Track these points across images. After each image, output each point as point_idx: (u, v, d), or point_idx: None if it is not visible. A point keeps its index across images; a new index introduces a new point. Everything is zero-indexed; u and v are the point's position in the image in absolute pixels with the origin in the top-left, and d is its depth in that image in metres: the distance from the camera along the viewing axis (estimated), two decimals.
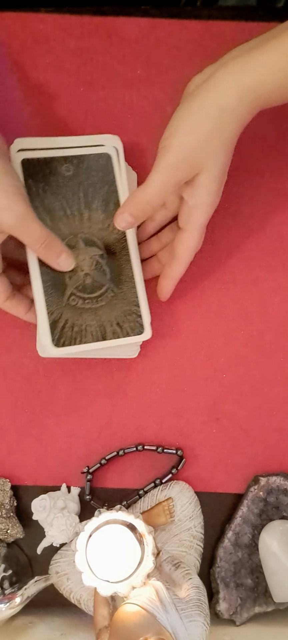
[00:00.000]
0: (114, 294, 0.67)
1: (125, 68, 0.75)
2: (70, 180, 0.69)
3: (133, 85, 0.75)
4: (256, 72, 0.58)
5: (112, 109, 0.75)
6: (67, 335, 0.65)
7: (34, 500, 0.72)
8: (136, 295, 0.68)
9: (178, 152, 0.61)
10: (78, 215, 0.68)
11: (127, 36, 0.75)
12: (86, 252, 0.68)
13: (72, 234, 0.68)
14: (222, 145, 0.61)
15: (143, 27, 0.75)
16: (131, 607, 0.61)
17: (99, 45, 0.75)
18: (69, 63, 0.75)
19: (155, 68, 0.75)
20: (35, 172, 0.68)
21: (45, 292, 0.66)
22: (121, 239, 0.69)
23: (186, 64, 0.75)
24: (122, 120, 0.75)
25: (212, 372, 0.75)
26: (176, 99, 0.74)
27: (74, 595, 0.70)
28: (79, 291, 0.67)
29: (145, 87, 0.75)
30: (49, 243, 0.64)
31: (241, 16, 0.75)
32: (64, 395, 0.74)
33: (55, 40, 0.75)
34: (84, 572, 0.63)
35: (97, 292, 0.67)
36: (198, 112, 0.61)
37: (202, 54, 0.75)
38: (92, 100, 0.75)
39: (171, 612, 0.61)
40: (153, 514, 0.70)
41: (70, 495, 0.73)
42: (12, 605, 0.65)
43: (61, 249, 0.66)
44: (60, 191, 0.68)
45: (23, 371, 0.74)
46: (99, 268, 0.67)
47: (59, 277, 0.67)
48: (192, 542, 0.71)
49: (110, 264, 0.68)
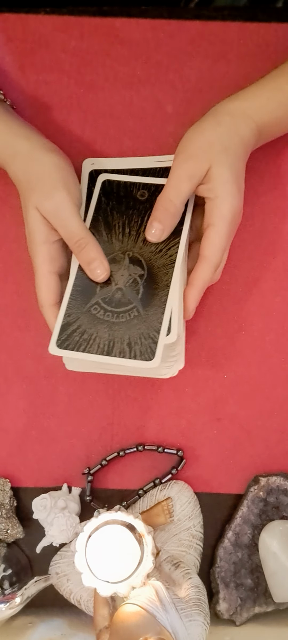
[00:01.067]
0: (138, 314, 0.65)
1: (125, 69, 0.75)
2: (141, 204, 0.70)
3: (133, 86, 0.75)
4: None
5: (112, 110, 0.75)
6: (73, 340, 0.64)
7: (35, 499, 0.72)
8: (161, 321, 0.65)
9: (188, 147, 0.66)
10: (134, 235, 0.68)
11: (126, 37, 0.75)
12: (128, 269, 0.67)
13: (122, 250, 0.68)
14: (231, 139, 0.65)
15: (143, 28, 0.75)
16: (131, 608, 0.61)
17: (98, 47, 0.75)
18: (68, 64, 0.75)
19: (155, 69, 0.75)
20: (111, 192, 0.71)
21: (71, 294, 0.66)
22: (168, 265, 0.67)
23: (186, 64, 0.75)
24: (122, 121, 0.75)
25: (213, 372, 0.75)
26: (176, 99, 0.75)
27: (74, 596, 0.70)
28: (105, 302, 0.66)
29: (145, 88, 0.75)
30: (84, 246, 0.65)
31: (241, 17, 0.75)
32: (65, 397, 0.75)
33: (55, 42, 0.75)
34: (84, 573, 0.63)
35: (122, 307, 0.66)
36: (208, 116, 0.67)
37: (201, 55, 0.75)
38: (92, 101, 0.75)
39: (171, 611, 0.62)
40: (152, 514, 0.70)
41: (71, 495, 0.73)
42: (12, 605, 0.66)
43: (95, 257, 0.66)
44: (127, 212, 0.70)
45: (24, 373, 0.74)
46: (133, 286, 0.67)
47: (91, 286, 0.67)
48: (192, 541, 0.71)
49: (146, 286, 0.67)
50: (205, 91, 0.75)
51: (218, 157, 0.64)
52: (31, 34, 0.75)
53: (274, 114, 0.68)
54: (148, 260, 0.67)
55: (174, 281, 0.66)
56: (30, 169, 0.66)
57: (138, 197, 0.70)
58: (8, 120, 0.68)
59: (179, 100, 0.75)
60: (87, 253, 0.65)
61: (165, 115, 0.75)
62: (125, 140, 0.75)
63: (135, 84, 0.75)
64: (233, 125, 0.66)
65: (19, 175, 0.67)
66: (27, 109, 0.74)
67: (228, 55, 0.75)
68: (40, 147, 0.67)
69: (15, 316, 0.75)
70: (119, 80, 0.75)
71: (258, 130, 0.67)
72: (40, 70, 0.75)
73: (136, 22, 0.75)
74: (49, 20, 0.75)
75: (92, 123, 0.75)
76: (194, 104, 0.75)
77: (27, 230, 0.67)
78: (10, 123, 0.68)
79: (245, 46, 0.75)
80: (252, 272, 0.75)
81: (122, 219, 0.69)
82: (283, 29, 0.75)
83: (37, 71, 0.75)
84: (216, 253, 0.65)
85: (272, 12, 0.76)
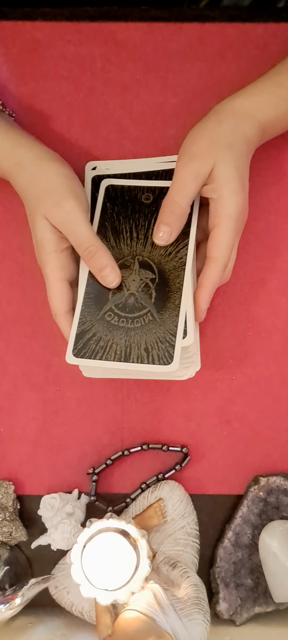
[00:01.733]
0: (153, 318, 0.66)
1: (124, 73, 0.75)
2: (146, 207, 0.70)
3: (132, 90, 0.75)
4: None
5: (112, 114, 0.75)
6: (90, 348, 0.65)
7: (45, 496, 0.72)
8: (176, 324, 0.65)
9: (191, 147, 0.66)
10: (142, 239, 0.69)
11: (125, 41, 0.75)
12: (139, 274, 0.67)
13: (131, 255, 0.68)
14: (234, 135, 0.65)
15: (141, 32, 0.75)
16: (131, 614, 0.61)
17: (97, 51, 0.75)
18: (67, 70, 0.75)
19: (154, 72, 0.75)
20: (116, 197, 0.71)
21: (84, 302, 0.67)
22: (178, 267, 0.67)
23: (185, 66, 0.75)
24: (123, 125, 0.75)
25: (221, 374, 0.75)
26: (176, 102, 0.75)
27: (76, 607, 0.70)
28: (118, 308, 0.66)
29: (145, 92, 0.75)
30: (95, 253, 0.65)
31: (240, 17, 0.75)
32: (74, 403, 0.75)
33: (53, 48, 0.75)
34: (82, 584, 0.62)
35: (136, 312, 0.66)
36: (211, 115, 0.68)
37: (200, 56, 0.75)
38: (92, 106, 0.75)
39: (170, 613, 0.62)
40: (145, 516, 0.70)
41: (79, 502, 0.73)
42: (11, 606, 0.66)
43: (106, 263, 0.66)
44: (133, 216, 0.70)
45: (32, 380, 0.75)
46: (146, 291, 0.67)
47: (103, 293, 0.67)
48: (187, 539, 0.71)
49: (159, 290, 0.67)
50: (205, 93, 0.75)
51: (222, 155, 0.64)
52: (28, 41, 0.75)
53: (276, 111, 0.68)
54: (159, 264, 0.67)
55: (186, 283, 0.66)
56: (36, 179, 0.66)
57: (143, 200, 0.70)
58: (9, 130, 0.68)
59: (179, 103, 0.75)
60: (98, 260, 0.65)
61: (166, 118, 0.75)
62: (126, 144, 0.75)
63: (134, 87, 0.75)
64: (236, 122, 0.66)
65: (24, 186, 0.67)
66: (26, 117, 0.75)
67: (227, 56, 0.75)
68: (43, 157, 0.67)
69: (22, 324, 0.75)
70: (118, 84, 0.75)
71: (261, 127, 0.67)
72: (38, 77, 0.75)
73: (134, 26, 0.75)
74: (46, 26, 0.75)
75: (93, 128, 0.75)
76: (194, 105, 0.74)
77: (35, 240, 0.67)
78: (12, 133, 0.68)
79: (245, 47, 0.75)
80: (258, 273, 0.75)
81: (129, 223, 0.69)
82: (282, 29, 0.75)
83: (35, 78, 0.75)
84: (224, 252, 0.65)
85: (272, 12, 0.75)
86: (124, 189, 0.71)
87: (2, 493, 0.72)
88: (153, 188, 0.71)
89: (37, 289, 0.73)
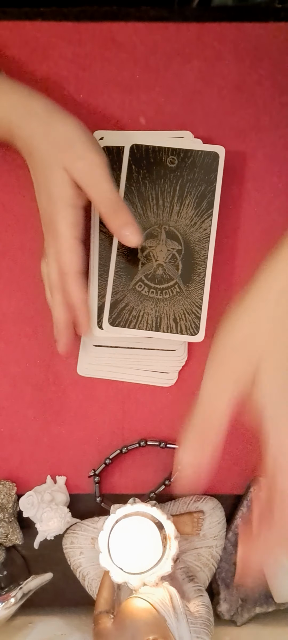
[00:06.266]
0: (180, 290, 0.68)
1: (123, 73, 0.75)
2: (171, 172, 0.70)
3: (132, 90, 0.75)
4: None
5: (112, 114, 0.75)
6: (124, 317, 0.67)
7: (21, 499, 0.71)
8: (202, 297, 0.68)
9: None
10: (168, 208, 0.69)
11: (124, 41, 0.75)
12: (165, 244, 0.68)
13: (157, 224, 0.69)
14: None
15: (140, 32, 0.75)
16: (142, 603, 0.61)
17: (96, 52, 0.75)
18: (67, 71, 0.75)
19: (154, 72, 0.75)
20: (141, 159, 0.70)
21: (116, 272, 0.68)
22: (203, 239, 0.68)
23: (184, 66, 0.75)
24: (122, 125, 0.75)
25: None
26: (175, 101, 0.75)
27: (81, 570, 0.70)
28: (148, 279, 0.68)
29: (144, 92, 0.75)
30: (117, 209, 0.64)
31: (239, 17, 0.75)
32: (75, 403, 0.75)
33: (52, 49, 0.75)
34: (103, 553, 0.63)
35: (164, 284, 0.68)
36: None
37: (200, 56, 0.75)
38: (91, 106, 0.75)
39: (182, 621, 0.61)
40: (181, 520, 0.69)
41: (57, 486, 0.73)
42: (7, 605, 0.66)
43: (128, 221, 0.64)
44: (159, 181, 0.70)
45: (33, 380, 0.75)
46: (173, 262, 0.68)
47: (133, 263, 0.68)
48: (209, 561, 0.70)
49: (185, 261, 0.68)
50: (204, 93, 0.75)
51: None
52: (28, 41, 0.75)
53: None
54: (184, 235, 0.69)
55: (210, 256, 0.68)
56: (51, 128, 0.63)
57: (168, 164, 0.70)
58: (15, 83, 0.66)
59: (179, 103, 0.75)
60: (120, 217, 0.64)
61: (165, 119, 0.75)
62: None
63: (134, 88, 0.75)
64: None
65: (38, 135, 0.63)
66: None
67: (226, 56, 0.75)
68: (56, 108, 0.65)
69: (22, 324, 0.75)
70: (118, 84, 0.75)
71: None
72: (38, 78, 0.75)
73: (133, 26, 0.75)
74: (45, 27, 0.75)
75: (93, 129, 0.74)
76: (194, 106, 0.74)
77: (49, 193, 0.63)
78: (18, 85, 0.66)
79: (244, 47, 0.75)
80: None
81: (155, 189, 0.69)
82: (282, 29, 0.75)
83: (35, 79, 0.75)
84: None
85: (271, 12, 0.75)
86: (148, 150, 0.70)
87: (4, 493, 0.72)
88: (177, 150, 0.70)
89: (37, 288, 0.73)
